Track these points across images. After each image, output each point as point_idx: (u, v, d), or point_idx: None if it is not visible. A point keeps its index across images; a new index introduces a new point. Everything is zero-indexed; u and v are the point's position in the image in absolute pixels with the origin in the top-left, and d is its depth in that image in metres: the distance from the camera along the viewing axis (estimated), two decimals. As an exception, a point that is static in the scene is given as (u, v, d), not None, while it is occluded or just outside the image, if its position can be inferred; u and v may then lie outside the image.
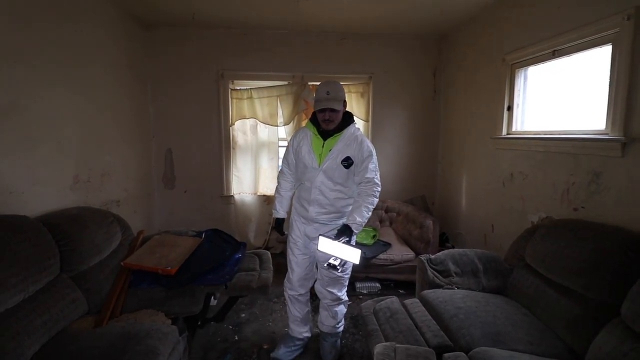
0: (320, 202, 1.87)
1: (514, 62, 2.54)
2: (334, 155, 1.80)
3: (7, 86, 1.73)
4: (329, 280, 1.96)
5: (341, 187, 1.85)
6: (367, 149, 1.80)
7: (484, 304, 1.81)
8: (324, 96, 1.73)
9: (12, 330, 1.36)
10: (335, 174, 1.81)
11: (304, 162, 1.87)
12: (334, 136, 1.82)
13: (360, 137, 1.85)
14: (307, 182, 1.89)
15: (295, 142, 1.95)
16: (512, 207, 2.59)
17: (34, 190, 1.90)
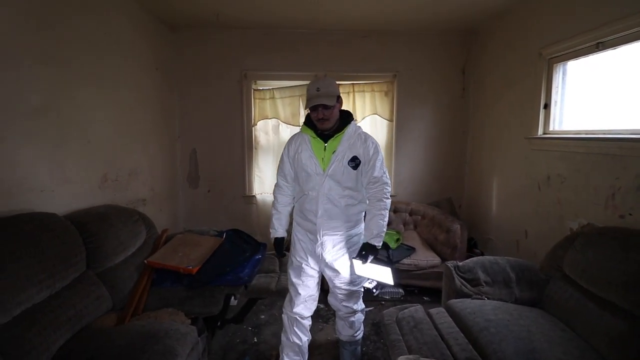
0: (330, 212, 1.69)
1: (552, 57, 2.36)
2: (339, 156, 1.65)
3: (40, 88, 1.80)
4: (343, 296, 1.86)
5: (351, 191, 1.70)
6: (372, 146, 1.68)
7: (517, 317, 1.68)
8: (314, 93, 1.59)
9: (39, 325, 1.40)
10: (343, 177, 1.66)
11: (306, 169, 1.70)
12: (336, 137, 1.67)
13: (363, 134, 1.72)
14: (311, 192, 1.70)
15: (291, 149, 1.76)
16: (548, 212, 2.41)
17: (64, 189, 1.97)
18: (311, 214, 1.72)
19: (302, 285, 1.79)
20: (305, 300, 1.82)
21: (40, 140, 1.82)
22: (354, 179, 1.68)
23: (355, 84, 3.44)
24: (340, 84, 3.41)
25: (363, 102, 3.47)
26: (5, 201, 1.60)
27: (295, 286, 1.81)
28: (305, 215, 1.75)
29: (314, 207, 1.70)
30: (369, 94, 3.45)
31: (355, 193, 1.71)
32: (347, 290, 1.83)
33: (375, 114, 3.48)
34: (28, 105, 1.74)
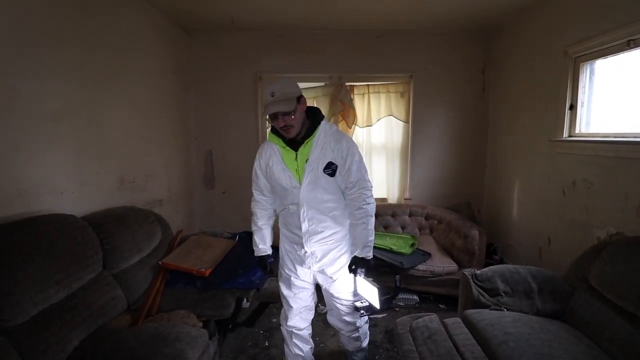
0: (315, 226, 1.55)
1: (578, 55, 2.23)
2: (313, 165, 1.49)
3: (60, 93, 1.85)
4: (348, 310, 1.72)
5: (334, 199, 1.56)
6: (346, 147, 1.50)
7: (539, 331, 1.59)
8: (269, 99, 1.42)
9: (55, 325, 1.44)
10: (322, 187, 1.52)
11: (281, 183, 1.55)
12: (306, 143, 1.50)
13: (336, 134, 1.54)
14: (292, 206, 1.56)
15: (262, 162, 1.60)
16: (573, 219, 2.28)
17: (83, 191, 2.02)
18: (295, 227, 1.59)
19: (294, 297, 1.70)
20: (300, 312, 1.73)
21: (61, 144, 1.87)
22: (335, 187, 1.55)
23: (370, 85, 3.39)
24: (354, 85, 3.39)
25: (378, 104, 3.41)
26: (27, 202, 1.66)
27: (286, 299, 1.72)
28: (290, 229, 1.62)
29: (297, 222, 1.56)
30: (384, 95, 3.39)
31: (339, 199, 1.58)
32: (347, 301, 1.69)
33: (391, 115, 3.41)
34: (49, 109, 1.79)
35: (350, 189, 1.53)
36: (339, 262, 1.63)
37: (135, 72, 2.55)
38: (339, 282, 1.64)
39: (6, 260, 1.36)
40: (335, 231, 1.60)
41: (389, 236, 3.00)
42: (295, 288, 1.68)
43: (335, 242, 1.61)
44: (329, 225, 1.57)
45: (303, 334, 1.77)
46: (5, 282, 1.33)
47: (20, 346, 1.30)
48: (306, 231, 1.56)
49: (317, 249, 1.59)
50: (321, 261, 1.61)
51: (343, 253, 1.64)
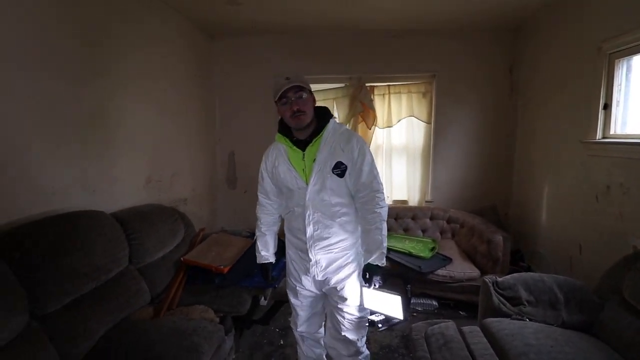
0: (321, 232, 1.45)
1: (613, 51, 2.09)
2: (320, 165, 1.41)
3: (92, 97, 1.98)
4: (350, 326, 1.55)
5: (342, 203, 1.46)
6: (357, 146, 1.42)
7: (563, 344, 1.51)
8: (283, 82, 1.34)
9: (84, 314, 1.54)
10: (330, 189, 1.42)
11: (287, 184, 1.47)
12: (314, 142, 1.42)
13: (346, 132, 1.46)
14: (297, 208, 1.47)
15: (268, 164, 1.55)
16: (607, 226, 2.14)
17: (112, 189, 2.15)
18: (300, 232, 1.49)
19: (301, 305, 1.63)
20: (308, 318, 1.67)
21: (93, 144, 2.00)
22: (344, 189, 1.45)
23: (391, 86, 3.35)
24: (375, 85, 3.36)
25: (399, 104, 3.36)
26: (61, 199, 1.78)
27: (294, 307, 1.66)
28: (294, 234, 1.54)
29: (302, 225, 1.46)
30: (406, 96, 3.34)
31: (348, 204, 1.47)
32: (352, 316, 1.53)
33: (412, 116, 3.36)
34: (83, 112, 1.92)
35: (361, 191, 1.44)
36: (344, 272, 1.51)
37: (163, 76, 2.67)
38: (344, 293, 1.52)
39: (41, 252, 1.47)
40: (342, 239, 1.48)
41: (408, 239, 2.95)
42: (302, 297, 1.62)
43: (341, 251, 1.50)
44: (336, 231, 1.46)
45: (314, 338, 1.73)
46: (41, 272, 1.44)
47: (51, 332, 1.41)
48: (311, 236, 1.46)
49: (322, 257, 1.48)
50: (325, 270, 1.50)
51: (349, 262, 1.52)
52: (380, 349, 2.12)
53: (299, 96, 1.36)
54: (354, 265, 1.53)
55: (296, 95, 1.36)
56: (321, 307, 1.69)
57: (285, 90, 1.34)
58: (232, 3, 2.63)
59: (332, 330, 1.61)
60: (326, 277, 1.52)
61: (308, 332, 1.70)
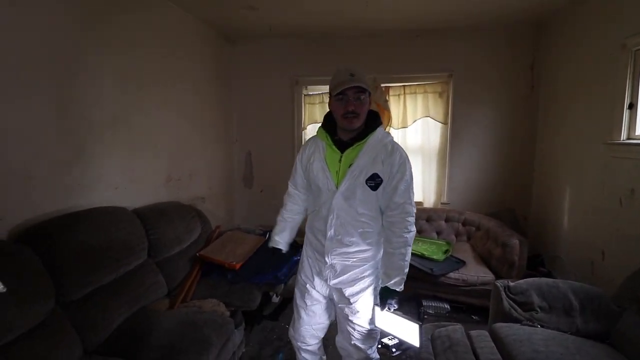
0: (341, 237, 1.40)
1: (639, 48, 1.99)
2: (355, 172, 1.34)
3: (116, 100, 2.11)
4: (360, 336, 1.50)
5: (369, 216, 1.39)
6: (399, 162, 1.34)
7: (574, 352, 1.46)
8: (347, 78, 1.27)
9: (103, 304, 1.65)
10: (359, 199, 1.36)
11: (317, 182, 1.42)
12: (355, 146, 1.36)
13: (391, 144, 1.38)
14: (322, 209, 1.42)
15: (304, 156, 1.50)
16: (631, 232, 2.04)
17: (134, 187, 2.27)
18: (320, 233, 1.44)
19: (306, 309, 1.54)
20: (310, 325, 1.57)
21: (116, 145, 2.13)
22: (373, 202, 1.38)
23: (406, 86, 3.32)
24: (390, 86, 3.35)
25: (415, 104, 3.33)
26: (86, 196, 1.91)
27: (298, 308, 1.57)
28: (314, 233, 1.49)
29: (323, 227, 1.41)
30: (421, 96, 3.30)
31: (374, 217, 1.41)
32: (362, 328, 1.49)
33: (428, 116, 3.31)
34: (107, 115, 2.05)
35: (392, 210, 1.36)
36: (360, 285, 1.45)
37: (182, 79, 2.79)
38: (357, 306, 1.46)
39: (67, 244, 1.59)
40: (362, 249, 1.42)
41: (422, 241, 2.92)
42: (309, 298, 1.54)
43: (359, 262, 1.43)
44: (356, 241, 1.40)
45: (312, 350, 1.64)
46: (66, 263, 1.55)
47: (74, 319, 1.52)
48: (331, 239, 1.40)
49: (337, 262, 1.43)
50: (339, 278, 1.44)
51: (366, 276, 1.45)
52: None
53: (357, 97, 1.30)
54: (370, 280, 1.46)
55: (356, 95, 1.29)
56: (326, 318, 1.60)
57: (346, 87, 1.28)
58: (248, 8, 2.71)
59: (345, 334, 1.55)
60: (339, 286, 1.46)
61: (307, 343, 1.60)
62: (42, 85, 1.66)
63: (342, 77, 1.29)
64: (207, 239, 2.59)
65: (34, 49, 1.61)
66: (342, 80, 1.28)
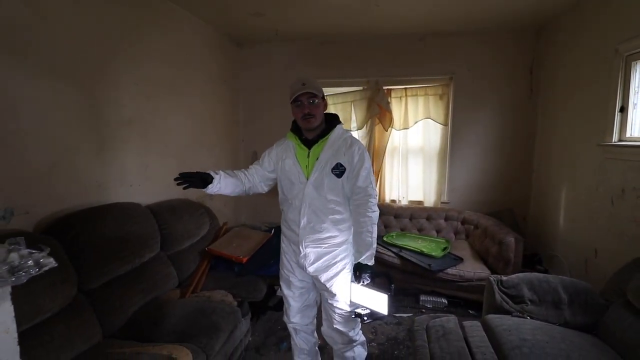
0: (313, 223, 1.55)
1: (630, 53, 2.07)
2: (322, 163, 1.53)
3: (132, 103, 2.25)
4: (341, 319, 1.63)
5: (336, 202, 1.55)
6: (358, 152, 1.54)
7: (559, 341, 1.55)
8: (299, 87, 1.49)
9: (120, 292, 1.78)
10: (327, 186, 1.53)
11: (289, 177, 1.59)
12: (319, 142, 1.56)
13: (349, 139, 1.59)
14: (295, 201, 1.58)
15: (273, 152, 1.68)
16: (622, 230, 2.12)
17: (147, 184, 2.41)
18: (294, 224, 1.59)
19: (293, 296, 1.71)
20: (301, 310, 1.74)
21: (131, 145, 2.26)
22: (340, 189, 1.55)
23: (408, 88, 3.42)
24: (392, 88, 3.45)
25: (416, 106, 3.43)
26: (104, 192, 2.05)
27: (287, 298, 1.73)
28: (289, 225, 1.63)
29: (297, 217, 1.57)
30: (422, 98, 3.40)
31: (342, 205, 1.57)
32: (342, 310, 1.62)
33: (429, 118, 3.40)
34: (123, 117, 2.19)
35: (357, 194, 1.54)
36: (334, 270, 1.60)
37: (193, 82, 2.92)
38: (333, 289, 1.60)
39: (88, 236, 1.73)
40: (333, 235, 1.58)
41: (421, 239, 3.02)
42: (294, 288, 1.69)
43: (330, 247, 1.59)
44: (327, 227, 1.56)
45: (306, 330, 1.79)
46: (87, 253, 1.69)
47: (94, 304, 1.66)
48: (304, 227, 1.56)
49: (311, 250, 1.58)
50: (314, 265, 1.59)
51: (339, 260, 1.60)
52: (387, 340, 2.23)
53: (311, 101, 1.51)
54: (343, 263, 1.61)
55: (308, 100, 1.51)
56: (313, 300, 1.76)
57: (299, 94, 1.50)
58: (256, 14, 2.83)
59: (327, 321, 1.70)
60: (316, 273, 1.60)
61: (300, 324, 1.76)
62: (63, 91, 1.79)
63: (296, 87, 1.52)
64: (215, 234, 2.72)
65: (58, 60, 1.75)
66: (296, 89, 1.51)
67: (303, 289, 1.71)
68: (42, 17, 1.66)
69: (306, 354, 1.82)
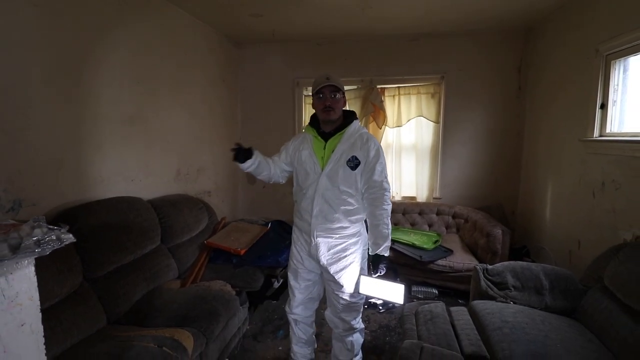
0: (325, 213, 1.61)
1: (610, 53, 2.18)
2: (337, 156, 1.60)
3: (132, 101, 2.33)
4: (342, 308, 1.71)
5: (349, 194, 1.61)
6: (374, 148, 1.61)
7: (539, 323, 1.66)
8: (323, 80, 1.58)
9: (123, 281, 1.86)
10: (341, 178, 1.60)
11: (305, 167, 1.66)
12: (336, 135, 1.64)
13: (365, 134, 1.66)
14: (309, 191, 1.64)
15: (291, 146, 1.76)
16: (602, 221, 2.23)
17: (148, 179, 2.49)
18: (307, 213, 1.65)
19: (299, 288, 1.77)
20: (304, 302, 1.80)
21: (133, 142, 2.35)
22: (353, 181, 1.61)
23: (401, 87, 3.52)
24: (386, 87, 3.55)
25: (408, 105, 3.53)
26: (108, 187, 2.13)
27: (292, 289, 1.79)
28: (301, 215, 1.70)
29: (309, 207, 1.63)
30: (415, 97, 3.50)
31: (354, 197, 1.63)
32: (346, 301, 1.69)
33: (421, 115, 3.51)
34: (125, 114, 2.27)
35: (372, 188, 1.61)
36: (343, 262, 1.65)
37: (193, 81, 3.01)
38: (341, 280, 1.66)
39: (92, 227, 1.81)
40: (344, 226, 1.63)
41: (414, 232, 3.12)
42: (301, 279, 1.76)
43: (341, 239, 1.64)
44: (339, 218, 1.62)
45: (306, 321, 1.86)
46: (91, 243, 1.77)
47: (99, 292, 1.74)
48: (316, 216, 1.62)
49: (322, 240, 1.64)
50: (324, 255, 1.64)
51: (349, 254, 1.65)
52: (379, 327, 2.33)
53: (333, 95, 1.59)
54: (353, 256, 1.66)
55: (331, 94, 1.59)
56: (317, 293, 1.83)
57: (323, 86, 1.58)
58: (254, 15, 2.92)
59: (332, 308, 1.77)
60: (326, 264, 1.66)
61: (302, 315, 1.82)
62: (67, 88, 1.88)
63: (320, 80, 1.60)
64: (213, 228, 2.81)
65: (62, 57, 1.83)
66: (320, 82, 1.60)
67: (309, 281, 1.77)
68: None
69: (304, 342, 1.89)
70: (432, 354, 1.43)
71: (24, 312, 0.82)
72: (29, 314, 0.84)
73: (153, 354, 1.39)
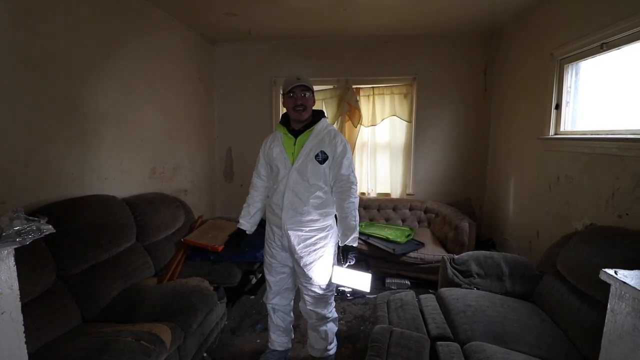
0: (295, 206, 1.69)
1: (563, 57, 2.37)
2: (306, 151, 1.68)
3: (107, 98, 2.30)
4: (312, 300, 1.79)
5: (318, 187, 1.70)
6: (341, 144, 1.71)
7: (498, 305, 1.80)
8: (294, 80, 1.65)
9: (101, 277, 1.86)
10: (310, 172, 1.67)
11: (276, 163, 1.74)
12: (305, 132, 1.72)
13: (333, 131, 1.75)
14: (279, 185, 1.72)
15: (265, 147, 1.83)
16: (557, 212, 2.42)
17: (122, 178, 2.47)
18: (277, 207, 1.73)
19: (274, 280, 1.86)
20: (280, 292, 1.89)
21: (106, 139, 2.32)
22: (322, 174, 1.69)
23: (375, 87, 3.64)
24: (361, 87, 3.65)
25: (383, 104, 3.65)
26: (80, 185, 2.10)
27: (269, 282, 1.89)
28: (272, 209, 1.76)
29: (280, 201, 1.71)
30: (389, 97, 3.63)
31: (323, 189, 1.71)
32: (314, 293, 1.77)
33: (395, 115, 3.64)
34: (98, 111, 2.24)
35: (340, 182, 1.70)
36: (313, 256, 1.72)
37: (167, 78, 2.99)
38: (310, 273, 1.73)
39: (66, 226, 1.78)
40: (314, 219, 1.71)
41: (387, 227, 3.24)
42: (276, 273, 1.85)
43: (311, 232, 1.71)
44: (309, 210, 1.69)
45: (284, 310, 1.94)
46: (65, 242, 1.75)
47: (74, 290, 1.73)
48: (287, 209, 1.69)
49: (292, 233, 1.71)
50: (295, 248, 1.71)
51: (318, 248, 1.72)
52: (354, 317, 2.42)
53: (303, 94, 1.67)
54: (323, 250, 1.74)
55: (302, 93, 1.67)
56: (292, 284, 1.92)
57: (294, 86, 1.65)
58: (229, 14, 2.94)
59: (303, 300, 1.85)
60: (297, 256, 1.73)
61: (279, 304, 1.92)
62: (36, 82, 1.84)
63: (291, 80, 1.68)
64: (190, 227, 2.81)
65: (32, 51, 1.80)
66: (291, 82, 1.67)
67: (284, 274, 1.86)
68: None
69: (282, 330, 1.97)
70: (400, 336, 1.53)
71: (3, 300, 0.84)
72: (9, 302, 0.86)
73: (131, 348, 1.41)
